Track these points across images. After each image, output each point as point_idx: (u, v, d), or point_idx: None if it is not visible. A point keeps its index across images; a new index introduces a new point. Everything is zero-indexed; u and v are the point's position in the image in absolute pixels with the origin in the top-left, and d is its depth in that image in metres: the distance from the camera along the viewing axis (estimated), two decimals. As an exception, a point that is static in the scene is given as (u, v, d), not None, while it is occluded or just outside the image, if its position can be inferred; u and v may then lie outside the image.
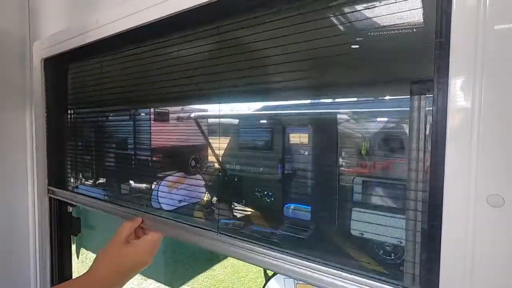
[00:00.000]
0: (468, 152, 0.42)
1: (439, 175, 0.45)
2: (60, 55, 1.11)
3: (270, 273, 1.72)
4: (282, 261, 0.63)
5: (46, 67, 1.19)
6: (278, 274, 1.61)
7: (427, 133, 0.49)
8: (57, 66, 1.21)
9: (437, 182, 0.45)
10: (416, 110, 0.50)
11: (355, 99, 0.73)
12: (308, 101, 0.78)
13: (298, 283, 1.61)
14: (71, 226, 1.29)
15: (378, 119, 0.74)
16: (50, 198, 1.25)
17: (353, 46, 0.59)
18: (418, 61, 0.52)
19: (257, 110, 2.43)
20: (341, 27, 0.60)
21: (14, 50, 1.22)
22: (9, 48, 1.20)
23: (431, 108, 0.47)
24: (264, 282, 1.65)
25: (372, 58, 0.59)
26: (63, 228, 1.28)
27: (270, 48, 0.68)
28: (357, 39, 0.58)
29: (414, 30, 0.51)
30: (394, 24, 0.53)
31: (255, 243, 0.68)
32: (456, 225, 0.43)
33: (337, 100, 0.76)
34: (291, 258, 0.61)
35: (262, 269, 1.98)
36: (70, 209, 1.30)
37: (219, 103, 0.95)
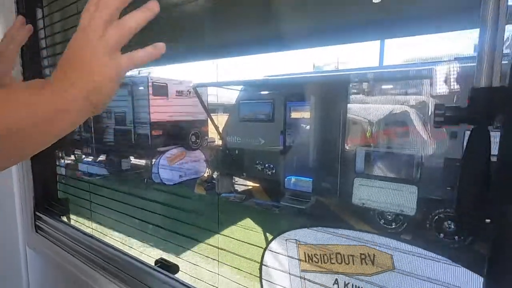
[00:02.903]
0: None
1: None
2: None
3: (269, 237, 1.80)
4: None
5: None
6: (279, 237, 1.68)
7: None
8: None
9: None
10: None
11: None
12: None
13: (300, 244, 1.68)
14: None
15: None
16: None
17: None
18: None
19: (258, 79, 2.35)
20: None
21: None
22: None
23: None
24: (266, 244, 1.72)
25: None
26: None
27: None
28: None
29: None
30: None
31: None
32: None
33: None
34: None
35: (262, 233, 2.07)
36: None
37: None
